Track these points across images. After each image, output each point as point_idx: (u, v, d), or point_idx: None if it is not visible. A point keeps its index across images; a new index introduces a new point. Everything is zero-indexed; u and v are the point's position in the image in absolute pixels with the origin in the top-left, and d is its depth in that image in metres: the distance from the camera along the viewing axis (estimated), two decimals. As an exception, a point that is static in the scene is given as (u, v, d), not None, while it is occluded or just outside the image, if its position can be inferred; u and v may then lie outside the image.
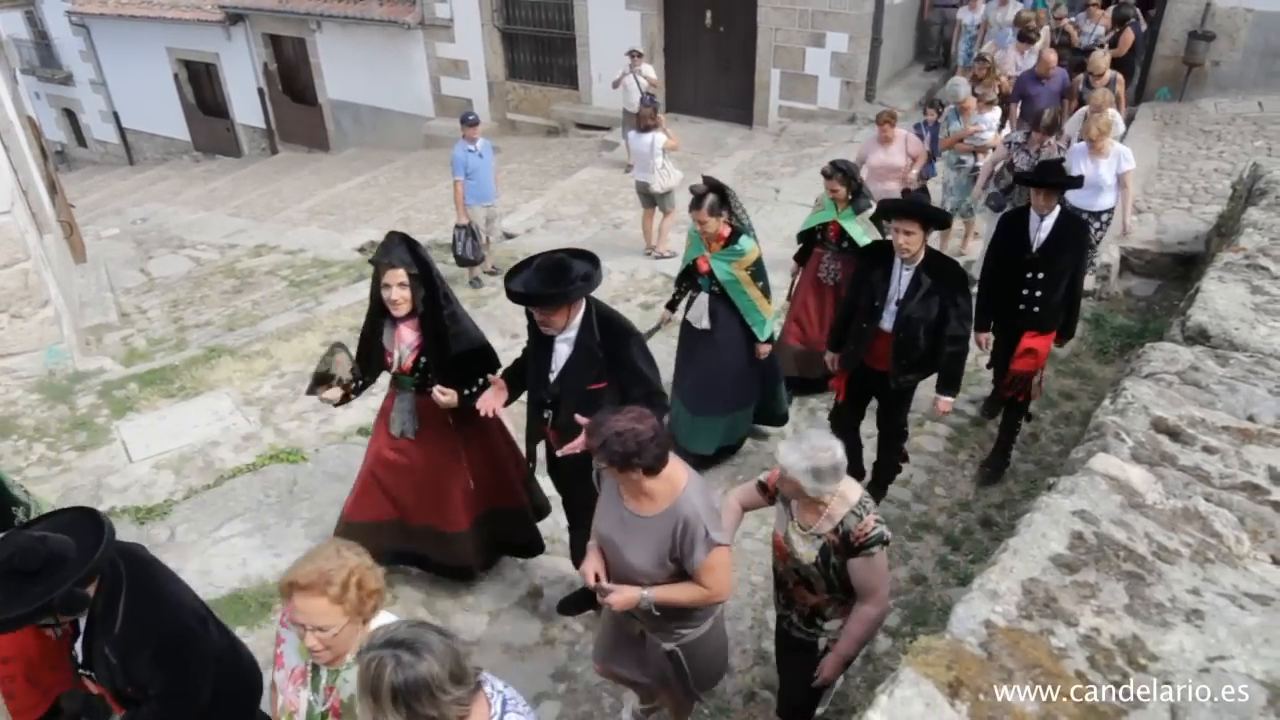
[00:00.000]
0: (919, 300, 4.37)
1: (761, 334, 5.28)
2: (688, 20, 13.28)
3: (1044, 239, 5.00)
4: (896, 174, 7.93)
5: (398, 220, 12.19)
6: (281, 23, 17.27)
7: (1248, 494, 2.99)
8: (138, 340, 9.01)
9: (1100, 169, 6.63)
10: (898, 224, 4.34)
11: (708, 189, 4.98)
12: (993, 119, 8.04)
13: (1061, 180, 5.02)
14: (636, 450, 2.70)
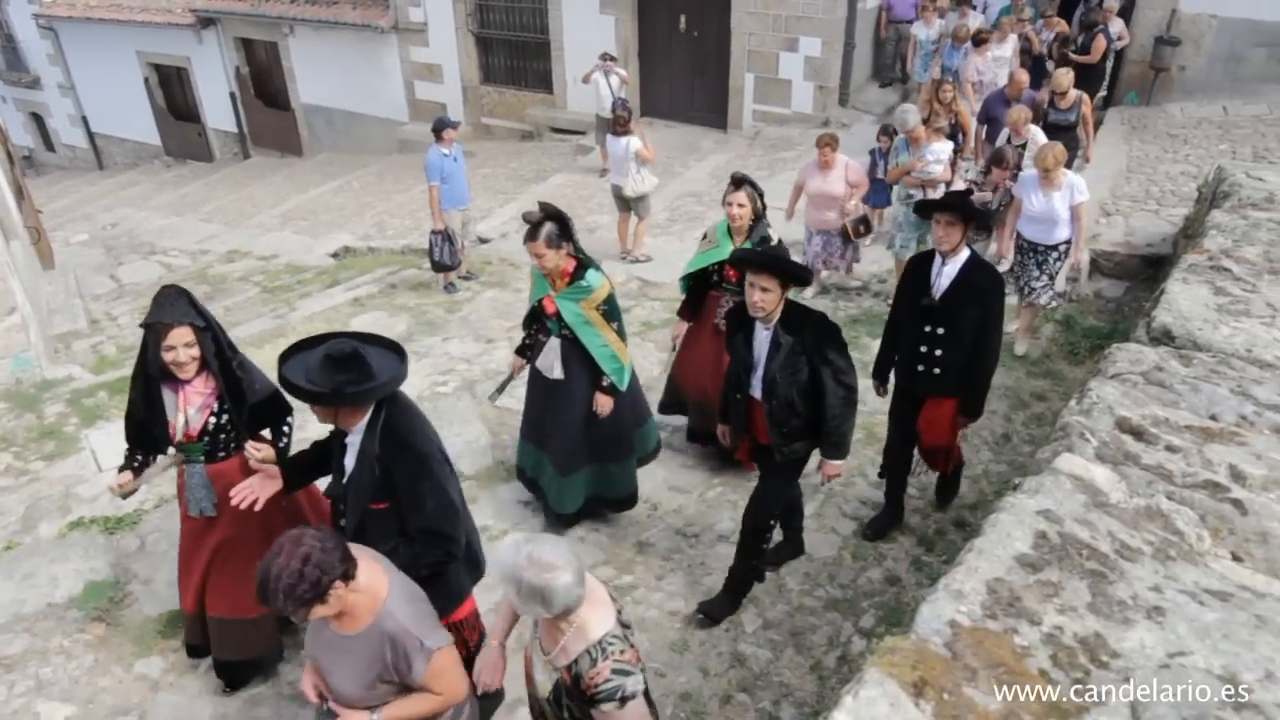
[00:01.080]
0: (782, 362, 3.85)
1: (621, 382, 4.63)
2: (661, 25, 13.33)
3: (945, 287, 4.32)
4: (835, 203, 7.49)
5: (372, 225, 12.13)
6: (254, 26, 17.15)
7: (1209, 492, 3.04)
8: (108, 347, 8.91)
9: (1054, 201, 6.31)
10: (752, 278, 3.75)
11: (543, 217, 4.32)
12: (943, 150, 7.50)
13: (961, 205, 4.34)
14: (291, 592, 2.31)
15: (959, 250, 4.29)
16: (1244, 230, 5.76)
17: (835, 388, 3.84)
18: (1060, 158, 6.25)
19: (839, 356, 3.86)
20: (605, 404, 4.65)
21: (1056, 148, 6.25)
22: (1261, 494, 3.19)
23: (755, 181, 5.00)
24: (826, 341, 3.84)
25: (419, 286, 9.12)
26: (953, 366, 4.38)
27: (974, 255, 4.36)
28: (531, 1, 14.18)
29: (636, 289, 8.46)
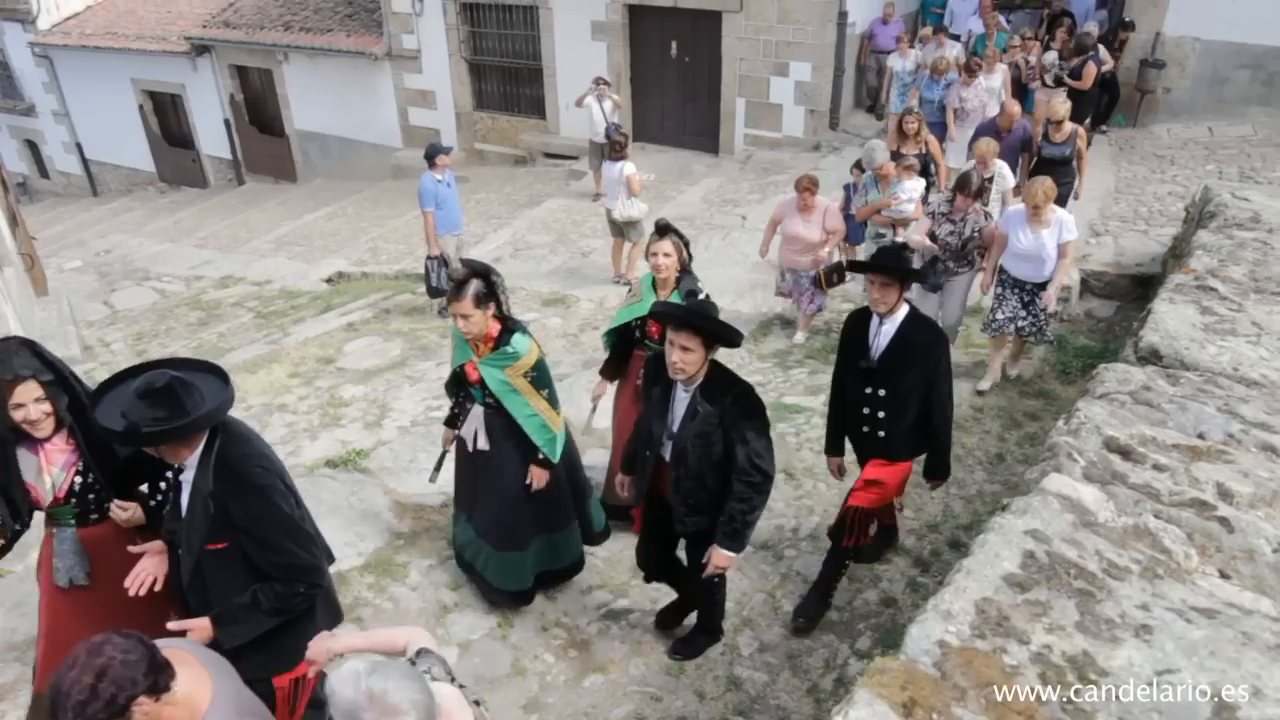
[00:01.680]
0: (696, 432, 3.52)
1: (554, 453, 4.23)
2: (653, 51, 13.46)
3: (884, 346, 4.04)
4: (811, 249, 7.20)
5: (366, 250, 12.18)
6: (248, 54, 17.27)
7: (1196, 510, 3.07)
8: (100, 374, 8.89)
9: (1043, 239, 6.02)
10: (672, 335, 3.40)
11: (469, 274, 3.94)
12: (914, 188, 7.24)
13: (896, 268, 3.95)
14: (82, 711, 1.97)
15: (897, 308, 3.99)
16: (1229, 250, 5.83)
17: (748, 470, 3.47)
18: (1050, 193, 5.94)
19: (758, 437, 3.50)
20: (540, 477, 4.28)
21: (1046, 183, 5.97)
22: (1248, 511, 3.21)
23: (680, 230, 4.65)
24: (747, 418, 3.49)
25: (413, 311, 9.15)
26: (896, 429, 4.11)
27: (913, 312, 4.07)
28: (524, 29, 14.32)
29: (629, 312, 8.49)
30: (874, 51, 12.90)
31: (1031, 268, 6.17)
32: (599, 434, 6.03)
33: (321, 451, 6.35)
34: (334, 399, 7.31)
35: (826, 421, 4.52)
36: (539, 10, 13.92)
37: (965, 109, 9.91)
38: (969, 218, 6.36)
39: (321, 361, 8.13)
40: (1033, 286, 6.23)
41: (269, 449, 3.00)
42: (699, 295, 4.46)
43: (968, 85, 9.95)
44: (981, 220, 6.37)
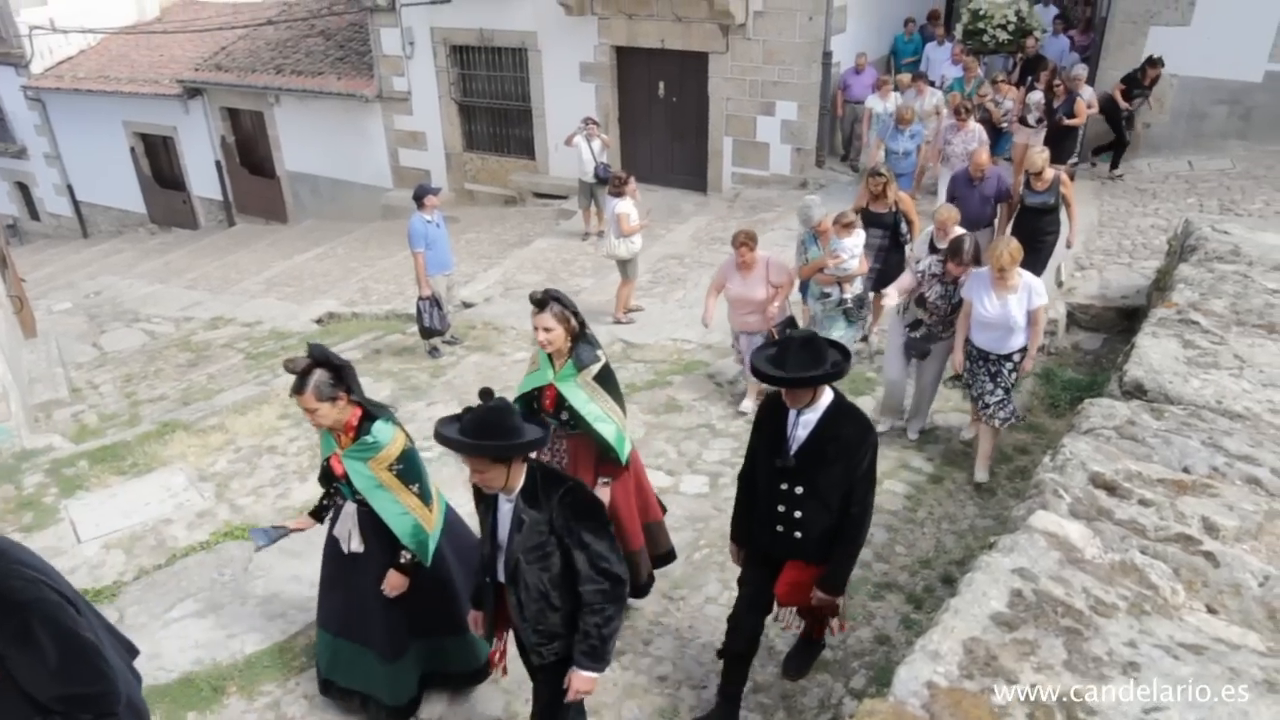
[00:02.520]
0: (525, 543, 3.14)
1: (425, 555, 3.85)
2: (641, 91, 13.64)
3: (803, 440, 3.59)
4: (757, 307, 6.71)
5: (356, 290, 12.21)
6: (240, 96, 17.42)
7: (1182, 545, 3.09)
8: (89, 416, 8.88)
9: (1008, 305, 5.54)
10: (465, 458, 3.10)
11: (311, 363, 3.58)
12: (854, 245, 6.83)
13: (808, 380, 3.45)
14: None
15: (818, 397, 3.56)
16: (1211, 283, 5.90)
17: (592, 578, 3.11)
18: (1016, 255, 5.44)
19: (598, 538, 3.13)
20: (395, 584, 3.85)
21: (1011, 244, 5.49)
22: (1234, 545, 3.23)
23: (564, 296, 4.15)
24: (581, 519, 3.12)
25: (403, 351, 9.17)
26: (815, 530, 3.66)
27: (837, 401, 3.60)
28: (513, 70, 14.50)
29: (620, 351, 8.52)
30: (849, 102, 12.76)
31: (997, 337, 5.69)
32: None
33: (311, 494, 6.31)
34: (324, 440, 7.29)
35: (734, 509, 4.04)
36: (528, 52, 14.11)
37: (949, 153, 9.67)
38: (961, 280, 5.97)
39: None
40: (997, 358, 5.77)
41: (31, 555, 2.59)
42: (593, 366, 4.17)
43: (960, 129, 9.60)
44: (962, 291, 5.95)
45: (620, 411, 4.30)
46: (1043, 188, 7.74)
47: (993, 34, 12.45)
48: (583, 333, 4.16)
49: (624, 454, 4.29)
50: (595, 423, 4.16)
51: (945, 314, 6.11)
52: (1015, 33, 12.47)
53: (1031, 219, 7.75)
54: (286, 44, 17.42)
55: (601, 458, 4.31)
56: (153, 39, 19.43)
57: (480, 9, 14.06)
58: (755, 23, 12.24)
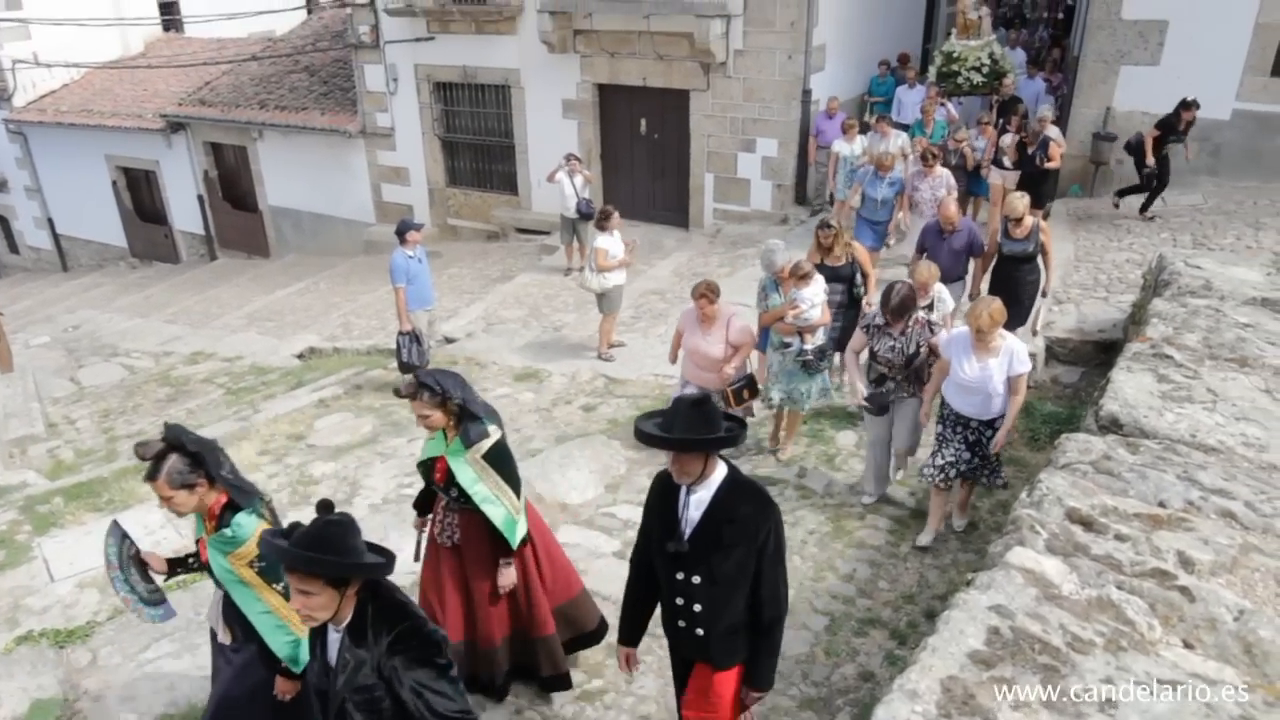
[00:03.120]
0: (349, 683, 2.72)
1: (295, 661, 3.43)
2: (623, 128, 13.78)
3: (696, 521, 3.16)
4: (714, 365, 6.33)
5: (338, 325, 12.19)
6: (223, 131, 17.46)
7: (1157, 580, 3.11)
8: (65, 452, 8.79)
9: (989, 369, 5.14)
10: (290, 578, 2.67)
11: (164, 448, 3.32)
12: (814, 294, 6.46)
13: (701, 442, 3.06)
14: None
15: (709, 472, 3.14)
16: (1184, 318, 5.98)
17: (423, 712, 2.68)
18: (998, 317, 5.07)
19: (436, 680, 2.71)
20: (284, 688, 3.49)
21: (993, 305, 5.09)
22: (1209, 579, 3.26)
23: (433, 381, 3.92)
24: (414, 667, 2.69)
25: (384, 387, 9.13)
26: (718, 626, 3.22)
27: (732, 476, 3.19)
28: (496, 107, 14.62)
29: (603, 386, 8.54)
30: (822, 147, 12.44)
31: (978, 403, 5.29)
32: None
33: (291, 530, 6.27)
34: (304, 477, 7.25)
35: (623, 602, 3.60)
36: (511, 89, 14.24)
37: (917, 199, 9.39)
38: (910, 331, 5.62)
39: (292, 438, 8.07)
40: (979, 424, 5.37)
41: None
42: (482, 443, 3.96)
43: (927, 175, 9.34)
44: (927, 334, 5.66)
45: (511, 493, 4.05)
46: (1021, 235, 7.48)
47: (967, 76, 12.49)
48: (465, 411, 3.94)
49: (514, 538, 4.05)
50: (482, 503, 3.96)
51: (901, 368, 5.73)
52: (990, 75, 12.53)
53: (1010, 267, 7.57)
54: (271, 80, 17.51)
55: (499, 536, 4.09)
56: (137, 73, 19.49)
57: (464, 47, 14.21)
58: (736, 61, 12.42)
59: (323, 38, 18.37)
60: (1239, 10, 10.57)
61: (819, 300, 6.52)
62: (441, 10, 13.92)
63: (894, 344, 5.69)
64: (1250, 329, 5.73)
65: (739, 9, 12.04)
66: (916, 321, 5.65)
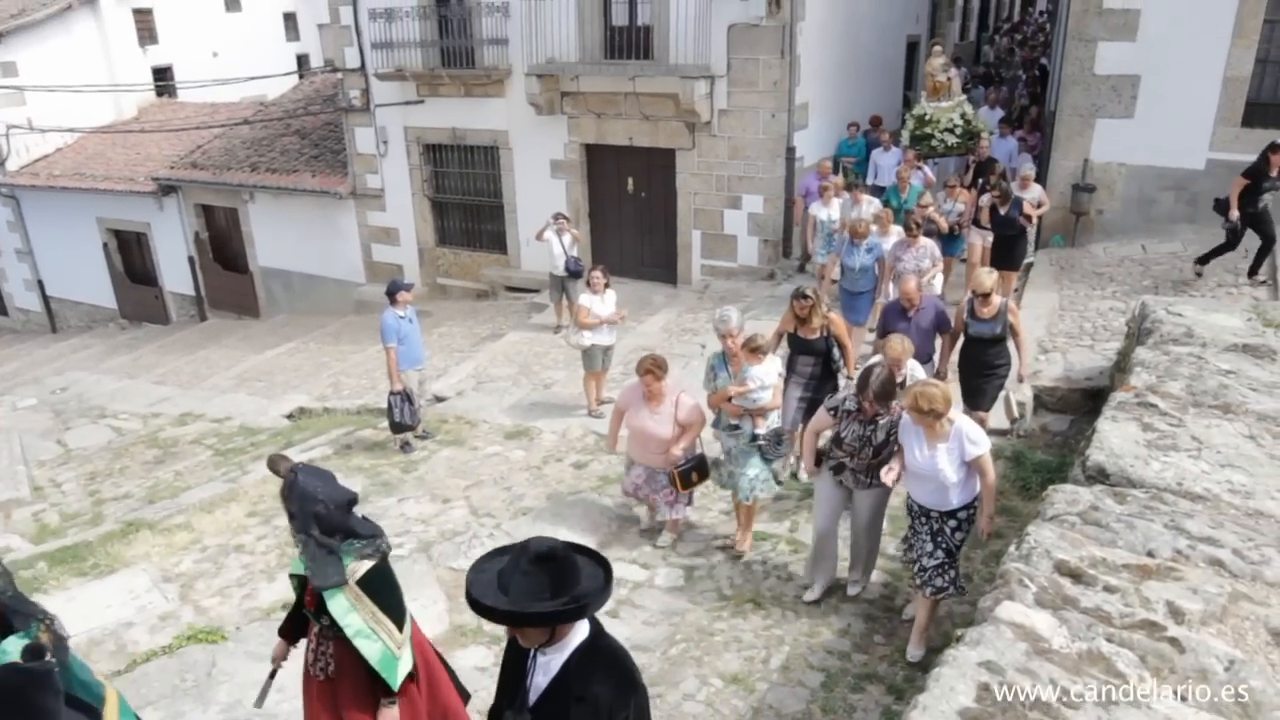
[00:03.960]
0: None
1: None
2: (610, 187, 13.98)
3: (543, 689, 2.68)
4: (661, 447, 5.99)
5: (328, 385, 12.19)
6: (215, 194, 17.62)
7: (1147, 632, 3.11)
8: (50, 515, 8.72)
9: (938, 458, 4.66)
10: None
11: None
12: (765, 373, 5.96)
13: (532, 617, 2.55)
14: None
15: (563, 635, 2.63)
16: (1166, 366, 6.04)
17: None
18: (941, 402, 4.55)
19: None
20: None
21: (932, 390, 4.60)
22: (1199, 629, 3.26)
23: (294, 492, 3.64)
24: None
25: (374, 447, 9.12)
26: None
27: (592, 641, 2.67)
28: (485, 168, 14.83)
29: (594, 443, 8.53)
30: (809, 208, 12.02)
31: (931, 491, 4.84)
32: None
33: (279, 594, 6.21)
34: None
35: None
36: (499, 150, 14.46)
37: (900, 270, 8.72)
38: (881, 421, 5.11)
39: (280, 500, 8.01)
40: (939, 515, 4.91)
41: None
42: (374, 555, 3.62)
43: (910, 246, 8.81)
44: (899, 435, 5.08)
45: (392, 624, 3.62)
46: (989, 315, 6.86)
47: (941, 138, 12.57)
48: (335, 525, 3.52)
49: (394, 678, 3.58)
50: (355, 637, 3.50)
51: (865, 457, 5.25)
52: (964, 135, 12.62)
53: (977, 350, 7.01)
54: (262, 142, 17.74)
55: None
56: (129, 137, 19.71)
57: (453, 109, 14.46)
58: (720, 120, 12.66)
59: (314, 101, 18.67)
60: (1207, 65, 10.86)
61: (771, 381, 6.01)
62: (431, 74, 14.18)
63: (863, 432, 5.18)
64: (1232, 376, 5.79)
65: (723, 70, 12.32)
66: (891, 412, 5.09)
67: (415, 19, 13.99)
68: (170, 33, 22.40)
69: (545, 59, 13.09)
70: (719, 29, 12.14)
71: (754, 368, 5.93)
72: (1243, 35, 10.59)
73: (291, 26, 26.10)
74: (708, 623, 5.60)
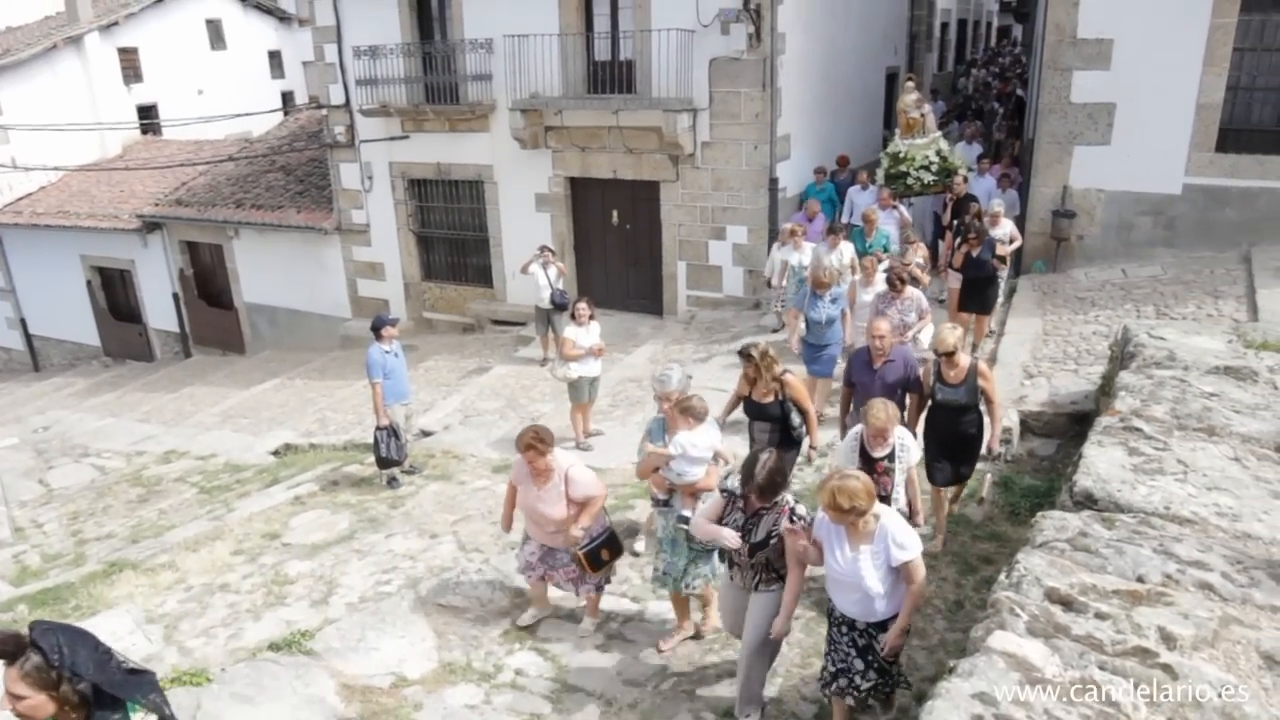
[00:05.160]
0: None
1: None
2: (595, 219, 14.05)
3: None
4: (557, 527, 5.31)
5: (314, 421, 12.11)
6: (199, 230, 17.61)
7: (1140, 659, 3.10)
8: (31, 557, 8.60)
9: (860, 562, 3.93)
10: None
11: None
12: (694, 442, 5.24)
13: None
14: None
15: None
16: (1150, 390, 6.06)
17: None
18: (864, 497, 3.81)
19: None
20: None
21: (852, 484, 3.82)
22: (1192, 655, 3.25)
23: (52, 643, 2.78)
24: None
25: (361, 483, 9.05)
26: None
27: None
28: (470, 202, 14.89)
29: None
30: None
31: (855, 601, 4.08)
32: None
33: (265, 633, 6.13)
34: (279, 576, 7.11)
35: None
36: (484, 184, 14.53)
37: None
38: (764, 517, 4.37)
39: (266, 537, 7.95)
40: (867, 628, 4.17)
41: None
42: None
43: (895, 300, 8.02)
44: (784, 521, 4.33)
45: None
46: (956, 379, 6.01)
47: (917, 175, 12.17)
48: (100, 696, 2.81)
49: None
50: None
51: (743, 555, 4.51)
52: (940, 172, 12.26)
53: (944, 418, 6.12)
54: (247, 179, 17.77)
55: None
56: (114, 175, 19.71)
57: (438, 144, 14.54)
58: (704, 152, 12.78)
59: (299, 138, 18.73)
60: (1180, 92, 11.04)
61: (702, 454, 5.27)
62: (415, 110, 14.28)
63: (744, 524, 4.45)
64: (1215, 398, 5.82)
65: (705, 103, 12.46)
66: (779, 508, 4.36)
67: (399, 56, 14.11)
68: (155, 71, 22.51)
69: (529, 94, 13.20)
70: (700, 63, 12.29)
71: (684, 434, 5.20)
72: (1213, 63, 10.79)
73: (276, 64, 26.25)
74: (699, 656, 5.55)
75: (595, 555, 5.36)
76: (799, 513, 4.37)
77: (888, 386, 6.24)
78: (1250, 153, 10.95)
